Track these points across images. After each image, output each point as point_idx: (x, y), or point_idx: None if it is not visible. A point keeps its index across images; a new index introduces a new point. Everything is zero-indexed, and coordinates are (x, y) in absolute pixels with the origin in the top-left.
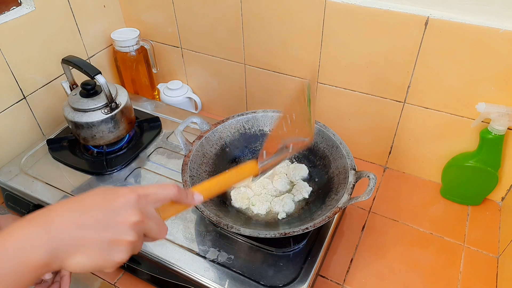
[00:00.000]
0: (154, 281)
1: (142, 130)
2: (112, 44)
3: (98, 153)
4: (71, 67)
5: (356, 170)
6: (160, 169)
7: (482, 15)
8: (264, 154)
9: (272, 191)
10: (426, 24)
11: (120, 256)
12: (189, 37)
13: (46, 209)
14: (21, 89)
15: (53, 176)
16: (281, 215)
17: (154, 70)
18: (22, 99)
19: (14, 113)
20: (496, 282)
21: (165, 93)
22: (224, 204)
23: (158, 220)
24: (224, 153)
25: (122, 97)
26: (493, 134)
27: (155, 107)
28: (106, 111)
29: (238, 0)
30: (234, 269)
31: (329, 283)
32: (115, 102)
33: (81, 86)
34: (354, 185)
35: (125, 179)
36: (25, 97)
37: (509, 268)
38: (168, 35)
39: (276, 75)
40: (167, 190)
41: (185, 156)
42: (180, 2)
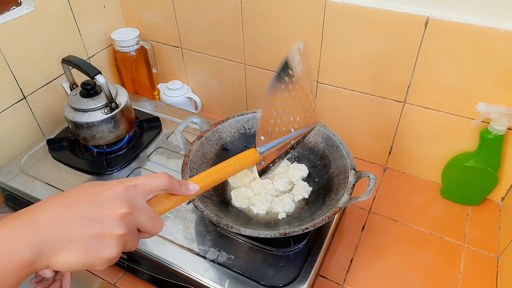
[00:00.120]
0: (154, 281)
1: (142, 130)
2: (112, 44)
3: (98, 153)
4: (71, 67)
5: (356, 170)
6: (160, 169)
7: (482, 15)
8: (262, 138)
9: (272, 191)
10: (426, 24)
11: (110, 251)
12: (189, 37)
13: (31, 207)
14: (21, 89)
15: (53, 176)
16: (281, 215)
17: (154, 70)
18: (22, 99)
19: (14, 113)
20: (496, 282)
21: (165, 93)
22: (224, 204)
23: (151, 213)
24: (224, 153)
25: (122, 97)
26: (493, 134)
27: (155, 107)
28: (106, 111)
29: (238, 0)
30: (234, 269)
31: (329, 283)
32: (115, 102)
33: (81, 86)
34: (354, 185)
35: None
36: (25, 97)
37: (509, 268)
38: (168, 35)
39: None
40: (158, 179)
41: (185, 156)
42: (180, 2)
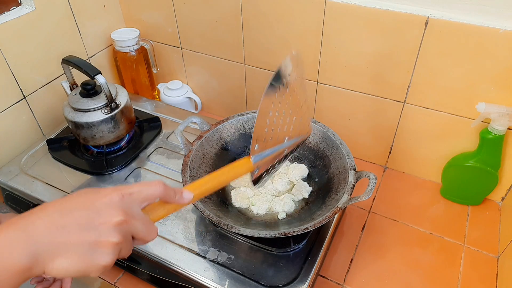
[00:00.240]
0: (154, 281)
1: (142, 130)
2: (112, 44)
3: (98, 153)
4: (71, 67)
5: (356, 170)
6: (160, 169)
7: (482, 15)
8: (256, 147)
9: (272, 191)
10: (426, 24)
11: (104, 259)
12: (189, 37)
13: (27, 213)
14: (21, 89)
15: (53, 176)
16: (281, 215)
17: (154, 70)
18: (22, 99)
19: (14, 113)
20: (496, 282)
21: (165, 93)
22: (224, 204)
23: (145, 220)
24: (224, 153)
25: (122, 97)
26: (493, 134)
27: (155, 107)
28: (106, 111)
29: (238, 0)
30: (234, 269)
31: (329, 283)
32: (115, 102)
33: (81, 86)
34: (354, 185)
35: (125, 179)
36: (25, 97)
37: (509, 268)
38: (168, 35)
39: None
40: (153, 187)
41: (185, 156)
42: (180, 2)
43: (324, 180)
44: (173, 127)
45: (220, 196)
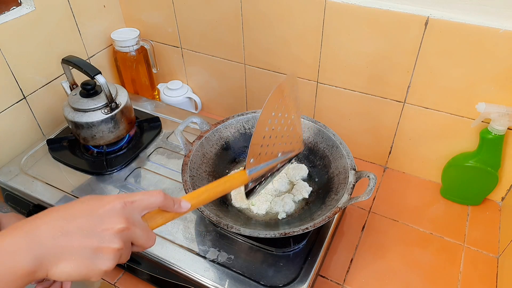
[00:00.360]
0: (154, 281)
1: (142, 130)
2: (112, 44)
3: (98, 153)
4: (71, 67)
5: (356, 170)
6: (160, 169)
7: (482, 15)
8: (251, 161)
9: (272, 191)
10: (426, 24)
11: (106, 264)
12: (189, 37)
13: (32, 217)
14: (21, 89)
15: (53, 176)
16: (281, 215)
17: (154, 70)
18: (22, 99)
19: (14, 113)
20: (496, 282)
21: (165, 93)
22: (224, 204)
23: (145, 228)
24: (224, 153)
25: (122, 97)
26: (493, 134)
27: (155, 107)
28: (106, 111)
29: (238, 0)
30: (234, 269)
31: (329, 283)
32: (115, 102)
33: (81, 86)
34: (354, 185)
35: (125, 179)
36: (25, 97)
37: (509, 268)
38: (168, 35)
39: (276, 75)
40: (154, 197)
41: (185, 156)
42: (180, 2)
43: (324, 180)
44: (173, 127)
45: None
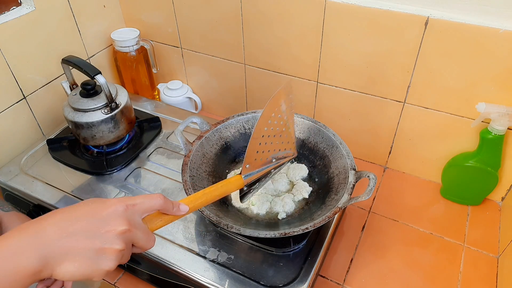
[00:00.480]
0: (154, 281)
1: (142, 130)
2: (112, 44)
3: (98, 153)
4: (71, 67)
5: (356, 170)
6: (160, 169)
7: (482, 15)
8: (247, 166)
9: (272, 191)
10: (426, 24)
11: (108, 264)
12: (189, 37)
13: (38, 219)
14: (21, 89)
15: (53, 176)
16: (281, 215)
17: (154, 70)
18: (22, 99)
19: (14, 113)
20: (496, 282)
21: (165, 93)
22: (224, 204)
23: (145, 230)
24: (224, 153)
25: (122, 97)
26: (493, 134)
27: (155, 107)
28: (106, 111)
29: (238, 0)
30: (234, 269)
31: (329, 283)
32: (115, 102)
33: (81, 86)
34: (354, 185)
35: (125, 179)
36: (25, 97)
37: (509, 268)
38: (168, 35)
39: (276, 75)
40: (154, 200)
41: (185, 156)
42: (180, 2)
43: (324, 180)
44: (173, 127)
45: None
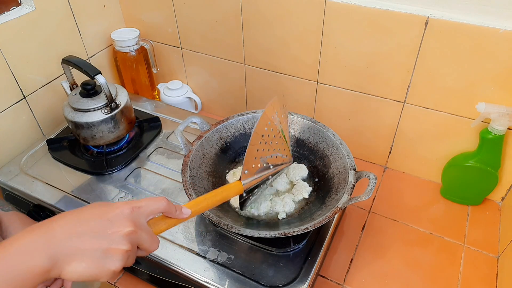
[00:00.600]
0: (154, 281)
1: (142, 130)
2: (112, 44)
3: (98, 153)
4: (71, 67)
5: (356, 170)
6: (160, 169)
7: (482, 15)
8: (246, 172)
9: (272, 191)
10: (426, 24)
11: (115, 265)
12: (189, 37)
13: (47, 221)
14: (21, 89)
15: (53, 176)
16: (281, 215)
17: (154, 70)
18: (22, 99)
19: (14, 113)
20: (496, 282)
21: (165, 93)
22: (224, 204)
23: (150, 232)
24: (224, 153)
25: (122, 97)
26: (493, 134)
27: (155, 107)
28: (106, 111)
29: (238, 0)
30: (234, 269)
31: (329, 283)
32: (115, 102)
33: (81, 86)
34: (354, 185)
35: (125, 179)
36: (25, 97)
37: (509, 268)
38: (168, 35)
39: (276, 75)
40: (158, 203)
41: (185, 156)
42: (180, 2)
43: (324, 180)
44: (173, 127)
45: None
